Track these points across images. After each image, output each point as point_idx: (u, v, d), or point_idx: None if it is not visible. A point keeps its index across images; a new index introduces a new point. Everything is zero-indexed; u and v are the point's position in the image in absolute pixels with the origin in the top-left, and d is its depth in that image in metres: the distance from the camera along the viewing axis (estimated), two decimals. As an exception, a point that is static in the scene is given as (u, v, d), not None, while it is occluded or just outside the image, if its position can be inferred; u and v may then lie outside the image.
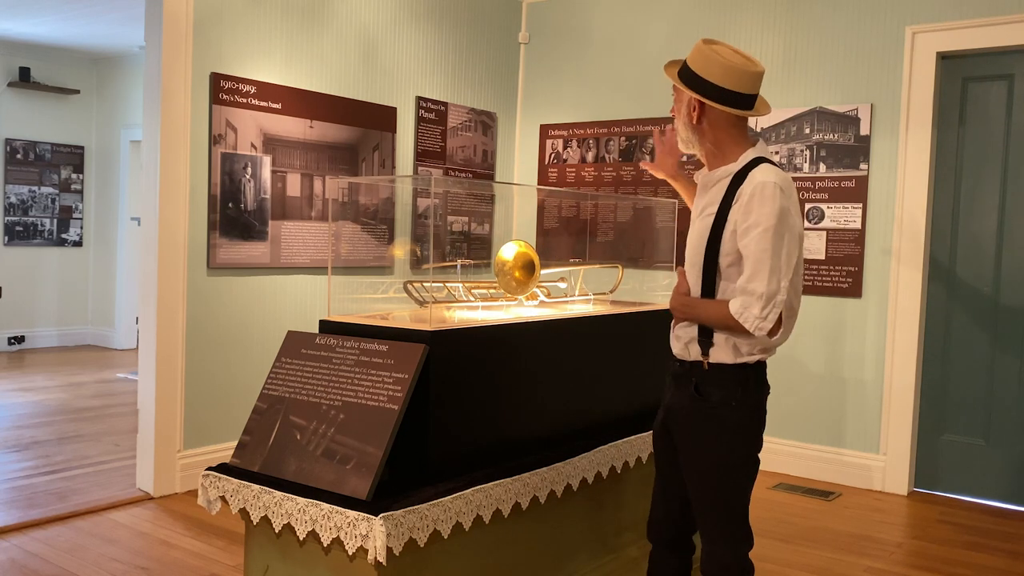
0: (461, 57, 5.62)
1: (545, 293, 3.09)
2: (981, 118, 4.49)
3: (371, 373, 2.23)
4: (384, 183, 5.35)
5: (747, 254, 2.05)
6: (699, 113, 2.18)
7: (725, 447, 2.17)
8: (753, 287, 2.04)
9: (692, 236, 2.24)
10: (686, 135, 2.24)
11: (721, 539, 2.20)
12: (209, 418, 4.34)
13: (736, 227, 2.08)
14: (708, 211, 2.18)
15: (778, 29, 4.93)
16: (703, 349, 2.17)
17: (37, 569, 3.32)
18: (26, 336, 8.58)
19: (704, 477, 2.20)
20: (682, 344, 2.23)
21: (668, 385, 2.32)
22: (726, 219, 2.11)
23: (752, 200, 2.05)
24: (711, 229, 2.14)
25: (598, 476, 2.72)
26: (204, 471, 2.32)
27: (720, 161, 2.21)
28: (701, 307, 2.16)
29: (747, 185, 2.09)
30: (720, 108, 2.15)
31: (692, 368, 2.20)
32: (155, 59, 4.11)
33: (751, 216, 2.05)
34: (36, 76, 8.36)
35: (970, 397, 4.52)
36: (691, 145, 2.26)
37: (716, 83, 2.13)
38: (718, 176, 2.20)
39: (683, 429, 2.23)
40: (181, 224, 4.17)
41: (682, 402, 2.22)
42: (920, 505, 4.45)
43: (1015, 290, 4.41)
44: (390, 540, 1.97)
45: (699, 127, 2.20)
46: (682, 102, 2.22)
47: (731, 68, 2.13)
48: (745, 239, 2.06)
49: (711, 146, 2.21)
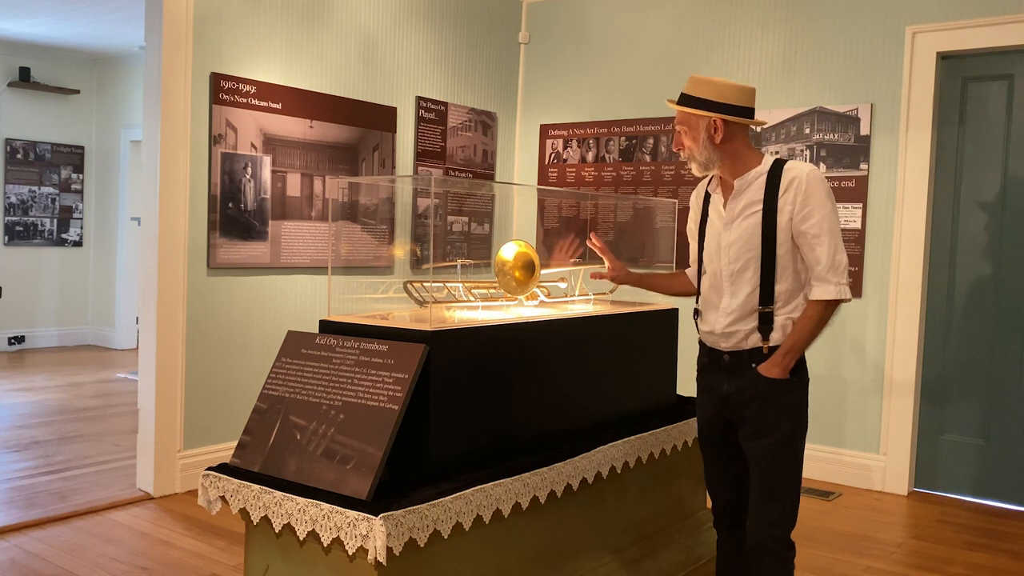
0: (461, 57, 5.62)
1: (545, 293, 3.10)
2: (981, 118, 4.49)
3: (371, 373, 2.23)
4: (384, 183, 5.35)
5: (813, 233, 2.36)
6: (722, 133, 2.43)
7: (791, 421, 2.44)
8: (834, 260, 2.36)
9: (735, 235, 2.45)
10: (705, 157, 2.47)
11: (780, 515, 2.44)
12: (209, 418, 4.34)
13: (792, 215, 2.37)
14: (753, 209, 2.43)
15: (778, 29, 4.93)
16: (763, 335, 2.43)
17: (37, 569, 3.32)
18: (26, 336, 8.58)
19: (774, 453, 2.43)
20: (739, 338, 2.45)
21: (713, 378, 2.54)
22: (775, 210, 2.38)
23: (808, 188, 2.36)
24: (763, 222, 2.40)
25: (598, 476, 2.71)
26: (204, 471, 2.32)
27: (742, 169, 2.47)
28: (796, 340, 2.40)
29: (789, 177, 2.38)
30: (742, 122, 2.44)
31: (751, 355, 2.44)
32: (155, 59, 4.11)
33: (810, 202, 2.36)
34: (36, 76, 8.36)
35: (970, 397, 4.52)
36: (710, 166, 2.48)
37: (733, 103, 2.44)
38: (750, 179, 2.45)
39: (751, 412, 2.44)
40: (181, 224, 4.17)
41: (747, 386, 2.44)
42: (920, 505, 4.45)
43: (1015, 290, 4.41)
44: (390, 540, 1.97)
45: (720, 146, 2.45)
46: (698, 129, 2.45)
47: (741, 89, 2.46)
48: (809, 222, 2.36)
49: (731, 159, 2.47)
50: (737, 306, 2.45)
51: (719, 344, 2.51)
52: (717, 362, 2.52)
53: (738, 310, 2.45)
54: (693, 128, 2.46)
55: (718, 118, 2.42)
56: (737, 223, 2.46)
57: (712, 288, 2.54)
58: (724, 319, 2.47)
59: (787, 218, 2.38)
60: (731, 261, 2.46)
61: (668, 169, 5.37)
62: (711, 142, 2.44)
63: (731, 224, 2.47)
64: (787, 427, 2.43)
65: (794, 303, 2.43)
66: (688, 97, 2.47)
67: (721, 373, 2.51)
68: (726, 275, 2.48)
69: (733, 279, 2.46)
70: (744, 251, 2.44)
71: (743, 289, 2.44)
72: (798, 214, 2.37)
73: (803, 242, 2.38)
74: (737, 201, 2.47)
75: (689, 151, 2.49)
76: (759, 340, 2.43)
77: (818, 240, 2.36)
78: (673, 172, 5.35)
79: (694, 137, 2.47)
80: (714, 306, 2.53)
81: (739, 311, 2.45)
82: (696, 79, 2.47)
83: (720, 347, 2.51)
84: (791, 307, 2.43)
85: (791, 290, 2.42)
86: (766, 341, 2.43)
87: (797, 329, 2.40)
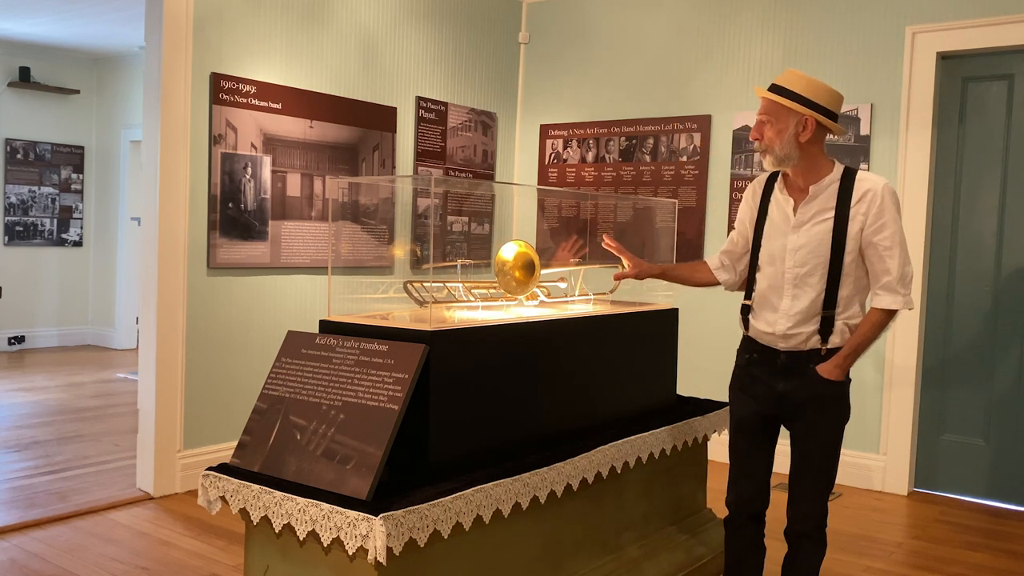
0: (461, 57, 5.62)
1: (545, 293, 3.10)
2: (981, 118, 4.49)
3: (371, 373, 2.23)
4: (384, 183, 5.35)
5: (885, 245, 2.42)
6: (810, 132, 2.44)
7: (844, 417, 2.57)
8: (903, 272, 2.44)
9: (803, 240, 2.49)
10: (786, 152, 2.47)
11: (823, 504, 2.59)
12: (209, 418, 4.34)
13: (864, 225, 2.43)
14: (824, 216, 2.47)
15: (778, 29, 4.93)
16: (823, 338, 2.50)
17: (37, 569, 3.32)
18: (26, 336, 8.58)
19: (826, 447, 2.56)
20: (800, 340, 2.52)
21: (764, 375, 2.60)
22: (847, 219, 2.43)
23: (883, 201, 2.42)
24: (834, 230, 2.45)
25: (598, 476, 2.71)
26: (204, 471, 2.32)
27: (814, 175, 2.50)
28: (858, 344, 2.47)
29: (864, 188, 2.44)
30: (829, 127, 2.46)
31: (809, 356, 2.52)
32: (155, 59, 4.11)
33: (884, 214, 2.42)
34: (36, 76, 8.36)
35: (970, 397, 4.52)
36: (786, 163, 2.49)
37: (826, 106, 2.45)
38: (824, 185, 2.48)
39: (810, 410, 2.53)
40: (181, 224, 4.17)
41: (804, 386, 2.52)
42: (920, 505, 4.45)
43: (1015, 290, 4.41)
44: (390, 540, 1.97)
45: (803, 145, 2.46)
46: (786, 123, 2.44)
47: (835, 94, 2.48)
48: (882, 234, 2.42)
49: (807, 161, 2.49)
50: (801, 309, 2.51)
51: (776, 344, 2.56)
52: (771, 361, 2.59)
53: (802, 313, 2.51)
54: (781, 121, 2.46)
55: (811, 117, 2.43)
56: (807, 228, 2.49)
57: (772, 289, 2.57)
58: (786, 321, 2.53)
59: (858, 227, 2.44)
60: (797, 264, 2.51)
61: (668, 169, 5.37)
62: (796, 139, 2.45)
63: (800, 228, 2.51)
64: (840, 424, 2.57)
65: (853, 309, 2.51)
66: (783, 89, 2.46)
67: (776, 371, 2.58)
68: (790, 277, 2.52)
69: (798, 282, 2.51)
70: (812, 256, 2.48)
71: (808, 293, 2.50)
72: (871, 225, 2.43)
73: (873, 252, 2.44)
74: (809, 207, 2.50)
75: (769, 143, 2.48)
76: (819, 342, 2.51)
77: (890, 252, 2.43)
78: (673, 172, 5.35)
79: (779, 130, 2.46)
80: (773, 307, 2.57)
81: (803, 314, 2.51)
82: (794, 73, 2.48)
83: (777, 347, 2.57)
84: (850, 312, 2.50)
85: (851, 296, 2.50)
86: (825, 344, 2.50)
87: (859, 334, 2.47)
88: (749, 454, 2.72)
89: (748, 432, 2.69)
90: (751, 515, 2.74)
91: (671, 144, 5.35)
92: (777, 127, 2.46)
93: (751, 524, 2.75)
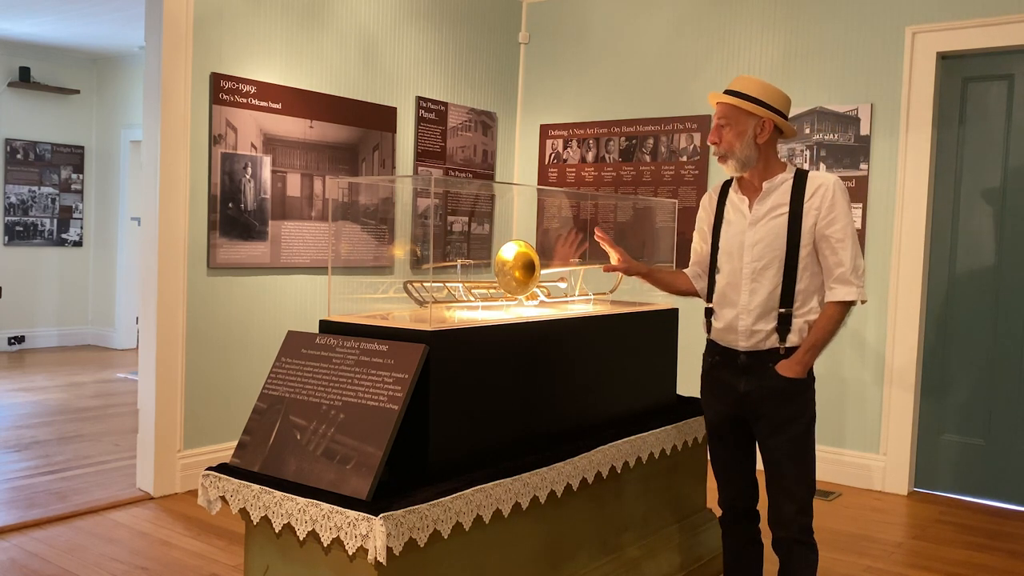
0: (461, 57, 5.62)
1: (545, 293, 3.09)
2: (981, 118, 4.49)
3: (371, 373, 2.23)
4: (384, 183, 5.35)
5: (838, 238, 2.48)
6: (767, 134, 2.52)
7: (807, 414, 2.57)
8: (855, 264, 2.49)
9: (760, 235, 2.54)
10: (746, 154, 2.54)
11: (803, 505, 2.57)
12: (209, 418, 4.34)
13: (817, 220, 2.49)
14: (779, 211, 2.53)
15: (778, 29, 4.93)
16: (780, 337, 2.54)
17: (37, 569, 3.32)
18: (26, 336, 8.58)
19: (795, 445, 2.56)
20: (760, 338, 2.55)
21: (727, 377, 2.62)
22: (801, 214, 2.50)
23: (835, 196, 2.49)
24: (788, 224, 2.51)
25: (598, 476, 2.72)
26: (204, 471, 2.32)
27: (768, 174, 2.57)
28: (816, 339, 2.52)
29: (816, 184, 2.51)
30: (786, 127, 2.55)
31: (767, 355, 2.55)
32: (155, 59, 4.11)
33: (835, 209, 2.48)
34: (36, 76, 8.36)
35: (970, 397, 4.52)
36: (747, 165, 2.55)
37: (779, 108, 2.54)
38: (778, 183, 2.55)
39: (769, 409, 2.55)
40: (181, 224, 4.17)
41: (766, 384, 2.55)
42: (920, 505, 4.45)
43: (1015, 290, 4.41)
44: (390, 540, 1.97)
45: (761, 146, 2.54)
46: (745, 126, 2.52)
47: (785, 97, 2.57)
48: (833, 227, 2.48)
49: (763, 162, 2.56)
50: (759, 303, 2.55)
51: (736, 343, 2.59)
52: (732, 361, 2.61)
53: (760, 307, 2.55)
54: (739, 124, 2.52)
55: (768, 118, 2.51)
56: (763, 223, 2.55)
57: (730, 285, 2.60)
58: (746, 317, 2.56)
59: (812, 222, 2.50)
60: (755, 259, 2.55)
61: (668, 169, 5.37)
62: (755, 141, 2.52)
63: (756, 224, 2.56)
64: (804, 421, 2.56)
65: (809, 305, 2.54)
66: (740, 94, 2.53)
67: (737, 372, 2.60)
68: (747, 272, 2.56)
69: (755, 276, 2.55)
70: (769, 250, 2.53)
71: (764, 287, 2.54)
72: (823, 219, 2.49)
73: (826, 245, 2.50)
74: (764, 203, 2.55)
75: (729, 147, 2.54)
76: (777, 341, 2.54)
77: (842, 244, 2.48)
78: (673, 172, 5.35)
79: (738, 133, 2.52)
80: (731, 303, 2.59)
81: (761, 308, 2.54)
82: (747, 78, 2.56)
83: (737, 347, 2.59)
84: (807, 309, 2.54)
85: (807, 291, 2.53)
86: (783, 343, 2.54)
87: (817, 329, 2.52)
88: (727, 455, 2.74)
89: (723, 435, 2.73)
90: (743, 511, 2.77)
91: (671, 144, 5.35)
92: (736, 130, 2.52)
93: (744, 521, 2.78)
